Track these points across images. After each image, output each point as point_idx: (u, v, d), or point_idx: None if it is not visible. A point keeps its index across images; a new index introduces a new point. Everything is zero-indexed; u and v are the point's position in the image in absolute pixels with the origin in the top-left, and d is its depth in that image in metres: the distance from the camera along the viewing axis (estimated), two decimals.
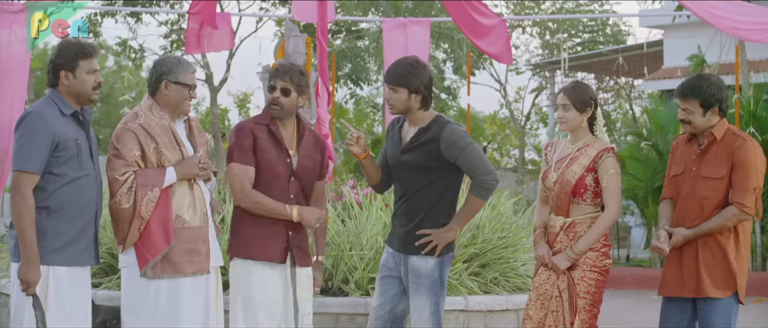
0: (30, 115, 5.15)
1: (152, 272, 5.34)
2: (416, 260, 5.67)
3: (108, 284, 8.00)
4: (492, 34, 10.40)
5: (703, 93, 5.65)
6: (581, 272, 5.62)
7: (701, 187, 5.67)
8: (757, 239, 14.49)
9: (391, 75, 5.68)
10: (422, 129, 5.69)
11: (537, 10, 28.70)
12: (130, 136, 5.37)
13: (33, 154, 5.06)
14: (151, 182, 5.32)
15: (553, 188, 5.73)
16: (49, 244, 5.11)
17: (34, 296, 5.05)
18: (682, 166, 5.80)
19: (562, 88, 5.76)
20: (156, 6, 25.47)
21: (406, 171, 5.70)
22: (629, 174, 16.04)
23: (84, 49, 5.27)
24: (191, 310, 5.41)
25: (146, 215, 5.31)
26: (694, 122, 5.70)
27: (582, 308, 5.61)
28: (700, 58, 17.44)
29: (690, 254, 5.68)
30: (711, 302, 5.63)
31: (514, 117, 32.32)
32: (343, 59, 27.05)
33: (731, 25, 9.32)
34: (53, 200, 5.12)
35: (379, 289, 5.83)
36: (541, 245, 5.75)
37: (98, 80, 5.31)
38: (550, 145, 5.94)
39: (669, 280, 5.78)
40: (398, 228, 5.76)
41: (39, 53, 22.64)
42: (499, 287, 8.32)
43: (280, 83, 5.54)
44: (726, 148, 5.65)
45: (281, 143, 5.58)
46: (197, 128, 5.70)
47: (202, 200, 5.54)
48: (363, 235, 8.05)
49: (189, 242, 5.41)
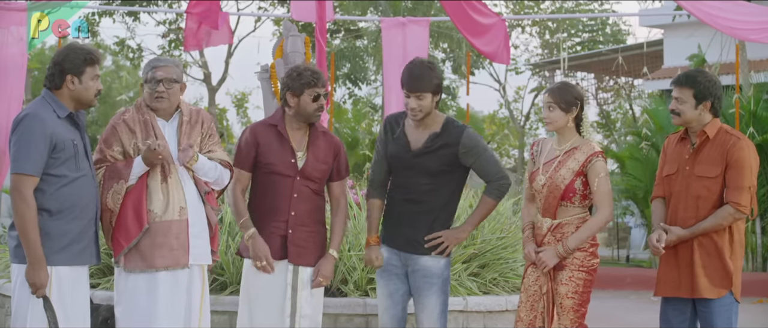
0: (27, 118, 5.17)
1: (126, 265, 5.44)
2: (428, 261, 5.70)
3: (106, 285, 7.97)
4: (490, 34, 10.38)
5: (698, 84, 5.64)
6: (569, 272, 5.61)
7: (695, 186, 5.65)
8: (758, 239, 14.45)
9: (415, 82, 5.65)
10: (436, 133, 5.71)
11: (536, 10, 28.67)
12: (111, 131, 5.54)
13: (31, 156, 5.08)
14: (116, 175, 5.44)
15: (541, 191, 5.69)
16: (53, 244, 5.13)
17: (45, 298, 5.08)
18: (676, 165, 5.78)
19: (548, 89, 5.75)
20: (154, 5, 25.44)
21: (417, 174, 5.71)
22: (629, 174, 16.01)
23: (91, 55, 5.31)
24: (169, 307, 5.46)
25: (114, 207, 5.43)
26: (683, 113, 5.68)
27: (570, 308, 5.60)
28: (701, 57, 17.41)
29: (685, 254, 5.66)
30: (710, 303, 5.61)
31: (514, 117, 32.30)
32: (342, 59, 27.02)
33: (729, 24, 9.31)
34: (54, 201, 5.14)
35: (386, 289, 5.80)
36: (529, 244, 5.74)
37: (99, 87, 5.36)
38: (536, 144, 5.89)
39: (665, 280, 5.76)
40: (405, 229, 5.74)
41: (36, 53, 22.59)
42: (498, 287, 8.29)
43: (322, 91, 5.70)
44: (719, 147, 5.63)
45: (288, 143, 5.68)
46: (188, 123, 5.69)
47: (181, 194, 5.57)
48: (362, 235, 8.02)
49: (159, 236, 5.47)
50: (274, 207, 5.66)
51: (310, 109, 5.66)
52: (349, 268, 7.86)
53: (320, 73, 5.68)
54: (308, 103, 5.65)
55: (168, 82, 5.58)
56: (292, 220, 5.64)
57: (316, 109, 5.67)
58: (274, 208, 5.66)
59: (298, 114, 5.69)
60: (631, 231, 21.83)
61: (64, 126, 5.24)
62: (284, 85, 5.69)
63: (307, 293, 5.64)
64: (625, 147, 17.96)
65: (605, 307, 11.36)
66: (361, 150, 21.14)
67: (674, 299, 5.76)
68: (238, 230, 8.15)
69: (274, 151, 5.67)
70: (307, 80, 5.63)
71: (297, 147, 5.70)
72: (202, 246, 5.63)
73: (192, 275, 5.55)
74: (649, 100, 18.86)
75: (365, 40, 27.88)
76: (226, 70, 26.82)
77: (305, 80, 5.63)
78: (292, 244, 5.63)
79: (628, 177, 16.03)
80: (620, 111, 29.92)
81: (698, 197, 5.62)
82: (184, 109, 5.69)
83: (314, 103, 5.65)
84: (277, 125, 5.72)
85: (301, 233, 5.65)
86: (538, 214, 5.76)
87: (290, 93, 5.67)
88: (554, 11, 28.69)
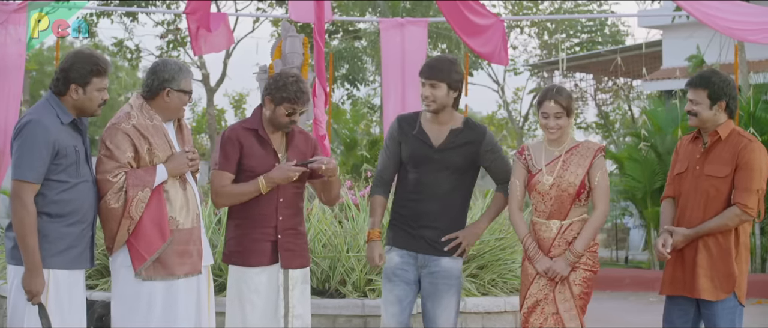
0: (30, 124, 5.12)
1: (146, 274, 5.31)
2: (448, 262, 5.73)
3: (104, 286, 7.96)
4: (486, 34, 10.35)
5: (713, 84, 5.64)
6: (582, 273, 5.61)
7: (704, 185, 5.65)
8: (757, 240, 14.44)
9: (428, 69, 5.68)
10: (457, 129, 5.73)
11: (535, 11, 28.66)
12: (124, 137, 5.33)
13: (34, 163, 5.05)
14: (141, 182, 5.29)
15: (548, 192, 5.63)
16: (51, 247, 5.11)
17: (40, 305, 5.06)
18: (686, 164, 5.78)
19: (552, 97, 5.61)
20: (152, 6, 25.42)
21: (438, 170, 5.71)
22: (628, 175, 15.99)
23: (98, 66, 5.24)
24: (186, 311, 5.42)
25: (136, 216, 5.28)
26: (700, 114, 5.68)
27: (581, 307, 5.63)
28: (700, 58, 17.40)
29: (690, 254, 5.66)
30: (713, 305, 5.61)
31: (512, 118, 32.29)
32: (340, 60, 27.01)
33: (727, 25, 9.29)
34: (54, 206, 5.12)
35: (393, 294, 5.74)
36: (541, 259, 5.63)
37: (105, 98, 5.30)
38: (524, 149, 5.79)
39: (670, 278, 5.76)
40: (423, 230, 5.72)
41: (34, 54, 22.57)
42: (496, 288, 8.28)
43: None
44: (731, 148, 5.63)
45: (270, 147, 5.64)
46: (186, 127, 5.69)
47: (195, 200, 5.54)
48: (360, 236, 8.01)
49: (181, 244, 5.40)
50: (261, 213, 5.62)
51: (283, 121, 5.61)
52: (348, 269, 7.85)
53: (305, 92, 5.58)
54: (281, 116, 5.60)
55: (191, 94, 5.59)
56: (280, 224, 5.62)
57: (288, 122, 5.62)
58: (261, 214, 5.62)
59: (271, 120, 5.65)
60: (630, 232, 21.79)
61: (67, 132, 5.20)
62: (266, 87, 5.64)
63: (299, 293, 5.64)
64: (623, 148, 17.93)
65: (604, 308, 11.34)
66: (360, 151, 21.11)
67: (678, 299, 5.75)
68: None
69: (257, 155, 5.62)
70: (288, 96, 5.55)
71: (278, 150, 5.67)
72: (206, 247, 5.63)
73: (200, 277, 5.53)
74: (648, 101, 18.84)
75: (364, 41, 27.87)
76: (224, 70, 26.80)
77: (286, 95, 5.55)
78: (283, 249, 5.61)
79: (627, 178, 16.00)
80: (619, 112, 29.90)
81: (707, 197, 5.62)
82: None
83: (287, 117, 5.60)
84: (257, 129, 5.67)
85: (289, 237, 5.64)
86: (539, 218, 5.69)
87: (269, 98, 5.62)
88: (553, 12, 28.68)
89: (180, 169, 5.43)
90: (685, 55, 18.23)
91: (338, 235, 8.06)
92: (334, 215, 8.49)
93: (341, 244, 7.93)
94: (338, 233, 8.10)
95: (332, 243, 7.97)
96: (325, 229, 8.06)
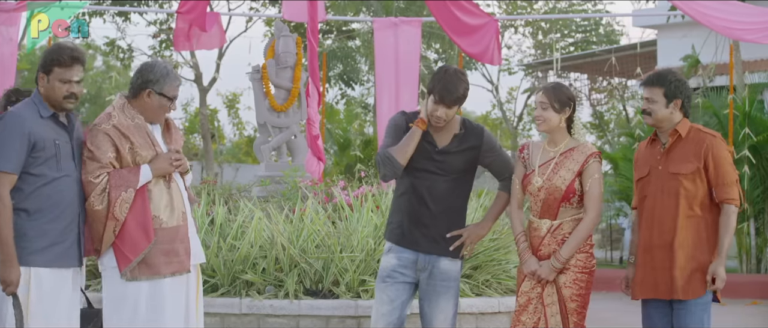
0: (7, 115, 5.13)
1: (131, 274, 5.29)
2: (447, 263, 5.72)
3: (96, 287, 7.90)
4: (478, 34, 10.32)
5: (668, 83, 5.68)
6: (572, 274, 5.59)
7: (670, 184, 5.64)
8: (752, 240, 14.41)
9: (451, 95, 5.57)
10: (461, 134, 5.75)
11: (529, 10, 28.65)
12: (104, 137, 5.29)
13: (9, 153, 5.02)
14: (124, 183, 5.26)
15: (538, 194, 5.64)
16: (30, 245, 5.07)
17: (14, 296, 5.02)
18: (647, 168, 5.80)
19: (542, 87, 5.73)
20: (145, 5, 25.35)
21: (440, 173, 5.69)
22: (622, 175, 15.98)
23: (61, 56, 5.19)
24: (173, 310, 5.38)
25: (120, 217, 5.26)
26: (655, 113, 5.71)
27: (573, 310, 5.60)
28: (695, 58, 17.39)
29: (664, 256, 5.63)
30: (684, 302, 5.60)
31: (507, 118, 32.29)
32: (334, 59, 26.97)
33: (724, 24, 9.30)
34: (32, 201, 5.09)
35: (386, 295, 5.70)
36: (530, 260, 5.65)
37: (72, 90, 5.20)
38: (525, 147, 5.83)
39: (642, 282, 5.75)
40: (422, 230, 5.69)
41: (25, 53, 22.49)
42: (490, 289, 8.25)
43: None
44: (694, 145, 5.64)
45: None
46: (174, 127, 5.65)
47: (181, 198, 5.49)
48: (354, 237, 7.98)
49: (166, 242, 5.36)
50: None
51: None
52: (341, 270, 7.81)
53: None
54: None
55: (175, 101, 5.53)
56: None
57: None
58: None
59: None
60: (625, 233, 21.78)
61: (47, 125, 5.16)
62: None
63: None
64: (618, 148, 17.96)
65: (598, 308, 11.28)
66: (353, 151, 21.04)
67: (653, 301, 5.75)
68: (229, 232, 8.13)
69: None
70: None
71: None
72: (196, 245, 5.59)
73: (189, 275, 5.49)
74: (643, 101, 18.81)
75: (357, 41, 27.83)
76: (217, 70, 26.70)
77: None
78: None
79: (622, 178, 15.99)
80: (613, 112, 29.93)
81: (677, 195, 5.60)
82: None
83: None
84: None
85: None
86: (533, 216, 5.70)
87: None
88: (547, 11, 28.68)
89: (164, 169, 5.39)
90: (680, 54, 18.23)
91: (331, 235, 8.03)
92: (327, 216, 8.45)
93: (335, 244, 7.89)
94: (331, 234, 8.07)
95: (325, 244, 7.94)
96: (318, 229, 8.02)
